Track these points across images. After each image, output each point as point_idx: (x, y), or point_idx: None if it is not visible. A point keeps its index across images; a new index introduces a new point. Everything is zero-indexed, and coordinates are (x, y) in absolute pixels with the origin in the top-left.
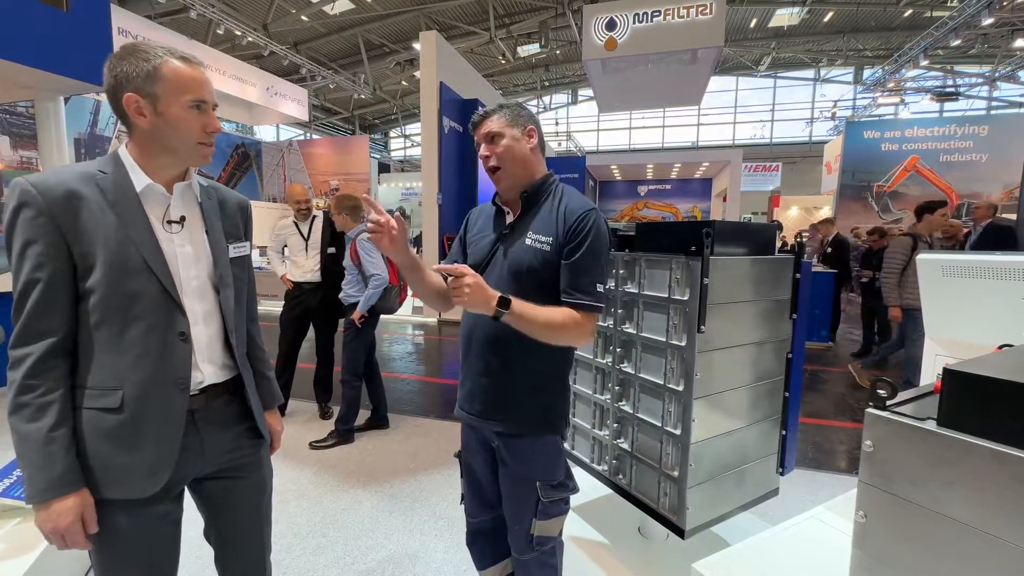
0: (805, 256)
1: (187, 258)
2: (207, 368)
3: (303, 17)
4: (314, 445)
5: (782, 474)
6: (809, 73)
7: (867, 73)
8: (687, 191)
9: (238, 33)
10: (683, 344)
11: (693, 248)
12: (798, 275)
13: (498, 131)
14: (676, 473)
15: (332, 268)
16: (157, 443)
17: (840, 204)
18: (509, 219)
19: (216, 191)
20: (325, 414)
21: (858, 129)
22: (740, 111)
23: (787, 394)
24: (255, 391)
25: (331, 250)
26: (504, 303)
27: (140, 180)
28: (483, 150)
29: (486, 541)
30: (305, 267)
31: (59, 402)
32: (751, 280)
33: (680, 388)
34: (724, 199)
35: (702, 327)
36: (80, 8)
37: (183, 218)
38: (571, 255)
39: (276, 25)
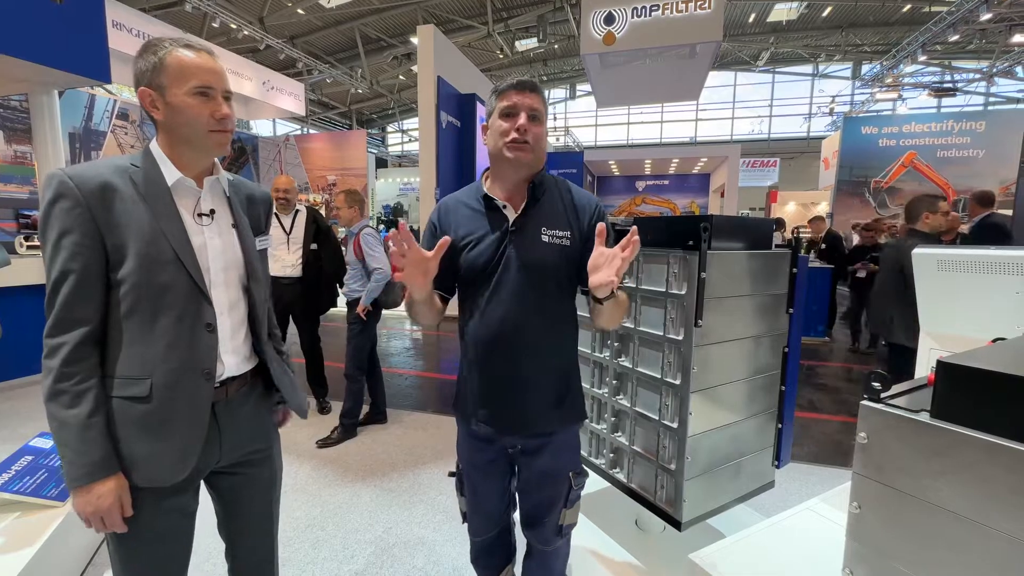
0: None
1: (216, 250)
2: (230, 359)
3: (299, 11)
4: (321, 444)
5: (778, 467)
6: (807, 68)
7: (865, 68)
8: (685, 186)
9: (233, 27)
10: (680, 338)
11: (691, 242)
12: (795, 270)
13: (540, 113)
14: (673, 466)
15: (314, 264)
16: (184, 432)
17: (838, 199)
18: (510, 214)
19: (243, 186)
20: (323, 409)
21: (856, 125)
22: (738, 106)
23: (783, 388)
24: (281, 376)
25: (313, 246)
26: (619, 290)
27: (171, 174)
28: (523, 121)
29: (492, 554)
30: (286, 262)
31: (95, 389)
32: (748, 274)
33: (677, 382)
34: (722, 195)
35: (699, 321)
36: (74, 1)
37: (213, 211)
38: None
39: (272, 19)
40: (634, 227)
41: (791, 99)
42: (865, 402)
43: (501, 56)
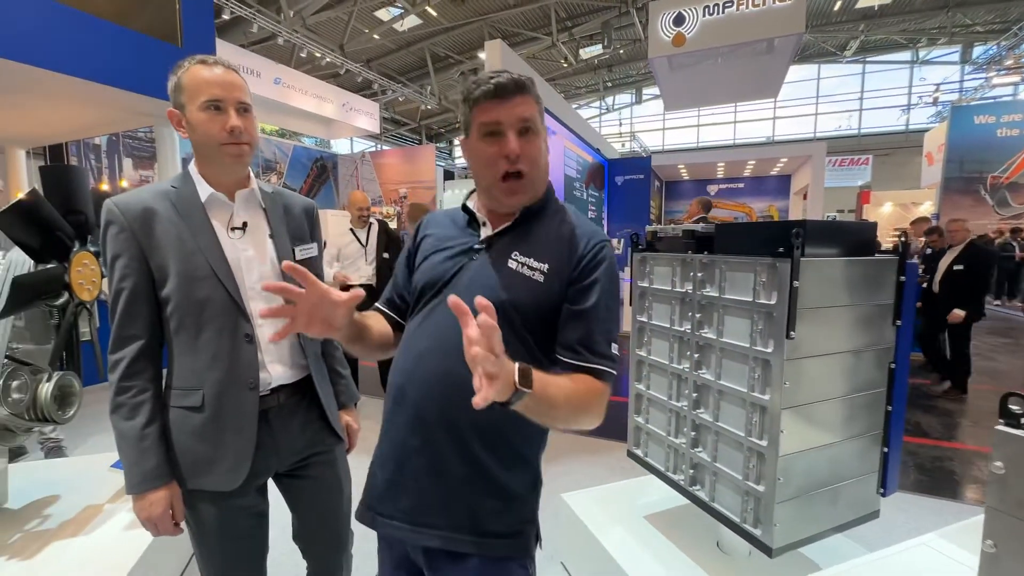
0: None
1: (251, 262)
2: (276, 369)
3: (375, 36)
4: None
5: (883, 495)
6: (905, 55)
7: (978, 51)
8: (762, 189)
9: (318, 55)
10: (770, 351)
11: (781, 249)
12: (903, 278)
13: (534, 123)
14: (762, 487)
15: (387, 273)
16: (234, 440)
17: (945, 199)
18: (485, 231)
19: (281, 196)
20: None
21: (967, 114)
22: (823, 101)
23: (890, 408)
24: (329, 390)
25: (385, 255)
26: (526, 378)
27: (204, 191)
28: (513, 144)
29: None
30: (363, 272)
31: (150, 402)
32: (847, 283)
33: (766, 397)
34: (804, 197)
35: (792, 333)
36: (191, 43)
37: (245, 224)
38: (583, 298)
39: (351, 45)
40: (480, 299)
41: (886, 90)
42: (1001, 427)
43: (565, 65)
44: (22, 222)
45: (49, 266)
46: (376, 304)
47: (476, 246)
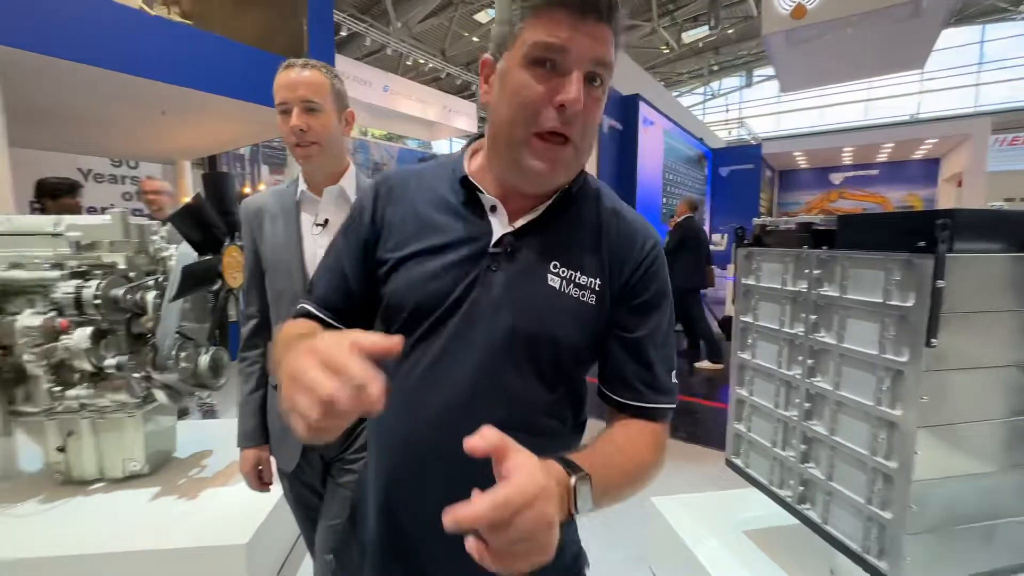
0: None
1: None
2: None
3: (474, 39)
4: None
5: None
6: None
7: None
8: (900, 176)
9: (422, 61)
10: (904, 360)
11: (922, 243)
12: None
13: (608, 69)
14: (889, 514)
15: None
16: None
17: None
18: (498, 224)
19: None
20: None
21: None
22: (987, 69)
23: None
24: None
25: None
26: (582, 494)
27: (300, 189)
28: (574, 87)
29: None
30: None
31: (258, 373)
32: (1012, 285)
33: (898, 413)
34: (959, 183)
35: (933, 341)
36: (315, 58)
37: (327, 221)
38: (642, 321)
39: (452, 49)
40: (487, 432)
41: None
42: None
43: (666, 50)
44: (190, 221)
45: (207, 257)
46: (305, 307)
47: (492, 250)
